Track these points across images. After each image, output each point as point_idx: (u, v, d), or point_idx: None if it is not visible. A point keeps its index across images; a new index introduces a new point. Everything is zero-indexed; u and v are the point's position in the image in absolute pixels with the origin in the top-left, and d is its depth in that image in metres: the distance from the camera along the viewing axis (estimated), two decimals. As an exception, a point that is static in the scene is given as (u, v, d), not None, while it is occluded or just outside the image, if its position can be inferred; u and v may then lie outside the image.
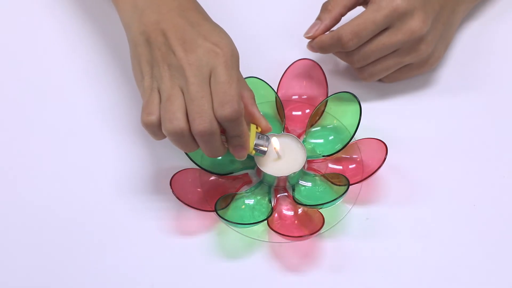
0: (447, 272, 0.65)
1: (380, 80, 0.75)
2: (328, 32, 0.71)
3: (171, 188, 0.65)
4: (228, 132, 0.62)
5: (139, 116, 0.61)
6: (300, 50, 0.75)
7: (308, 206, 0.66)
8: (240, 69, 0.64)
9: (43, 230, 0.68)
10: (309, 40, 0.72)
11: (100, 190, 0.70)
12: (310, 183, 0.69)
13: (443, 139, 0.73)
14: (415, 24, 0.68)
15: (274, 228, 0.64)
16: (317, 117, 0.72)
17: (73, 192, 0.70)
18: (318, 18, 0.72)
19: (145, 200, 0.69)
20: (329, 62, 0.77)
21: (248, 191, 0.69)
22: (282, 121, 0.71)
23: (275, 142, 0.67)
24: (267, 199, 0.68)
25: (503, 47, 0.79)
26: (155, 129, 0.62)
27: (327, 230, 0.66)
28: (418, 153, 0.71)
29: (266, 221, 0.65)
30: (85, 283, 0.65)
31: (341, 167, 0.70)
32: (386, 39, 0.69)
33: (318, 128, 0.72)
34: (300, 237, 0.63)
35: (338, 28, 0.70)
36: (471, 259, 0.66)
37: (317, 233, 0.63)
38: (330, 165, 0.70)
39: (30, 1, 0.83)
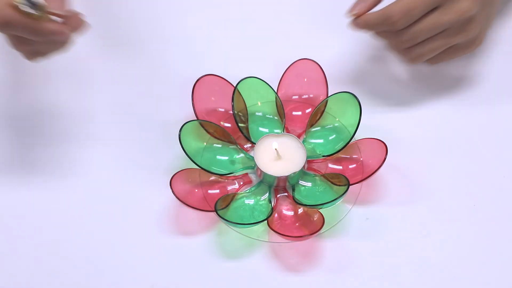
0: (447, 272, 0.65)
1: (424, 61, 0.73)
2: (373, 10, 0.69)
3: (171, 188, 0.65)
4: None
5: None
6: (300, 50, 0.75)
7: (308, 206, 0.66)
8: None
9: (42, 231, 0.68)
10: (353, 17, 0.69)
11: (100, 190, 0.70)
12: (310, 183, 0.69)
13: (443, 139, 0.72)
14: (465, 4, 0.67)
15: (274, 228, 0.64)
16: (317, 117, 0.72)
17: (72, 192, 0.70)
18: None
19: (145, 200, 0.69)
20: (329, 62, 0.77)
21: (248, 191, 0.69)
22: (282, 121, 0.71)
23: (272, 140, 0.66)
24: (267, 199, 0.68)
25: (503, 47, 0.79)
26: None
27: (327, 230, 0.66)
28: (418, 153, 0.71)
29: (266, 221, 0.65)
30: (85, 283, 0.65)
31: (341, 167, 0.70)
32: (436, 19, 0.67)
33: (318, 128, 0.72)
34: (300, 237, 0.63)
35: (385, 6, 0.67)
36: (471, 259, 0.66)
37: (317, 233, 0.63)
38: (330, 165, 0.70)
39: None
